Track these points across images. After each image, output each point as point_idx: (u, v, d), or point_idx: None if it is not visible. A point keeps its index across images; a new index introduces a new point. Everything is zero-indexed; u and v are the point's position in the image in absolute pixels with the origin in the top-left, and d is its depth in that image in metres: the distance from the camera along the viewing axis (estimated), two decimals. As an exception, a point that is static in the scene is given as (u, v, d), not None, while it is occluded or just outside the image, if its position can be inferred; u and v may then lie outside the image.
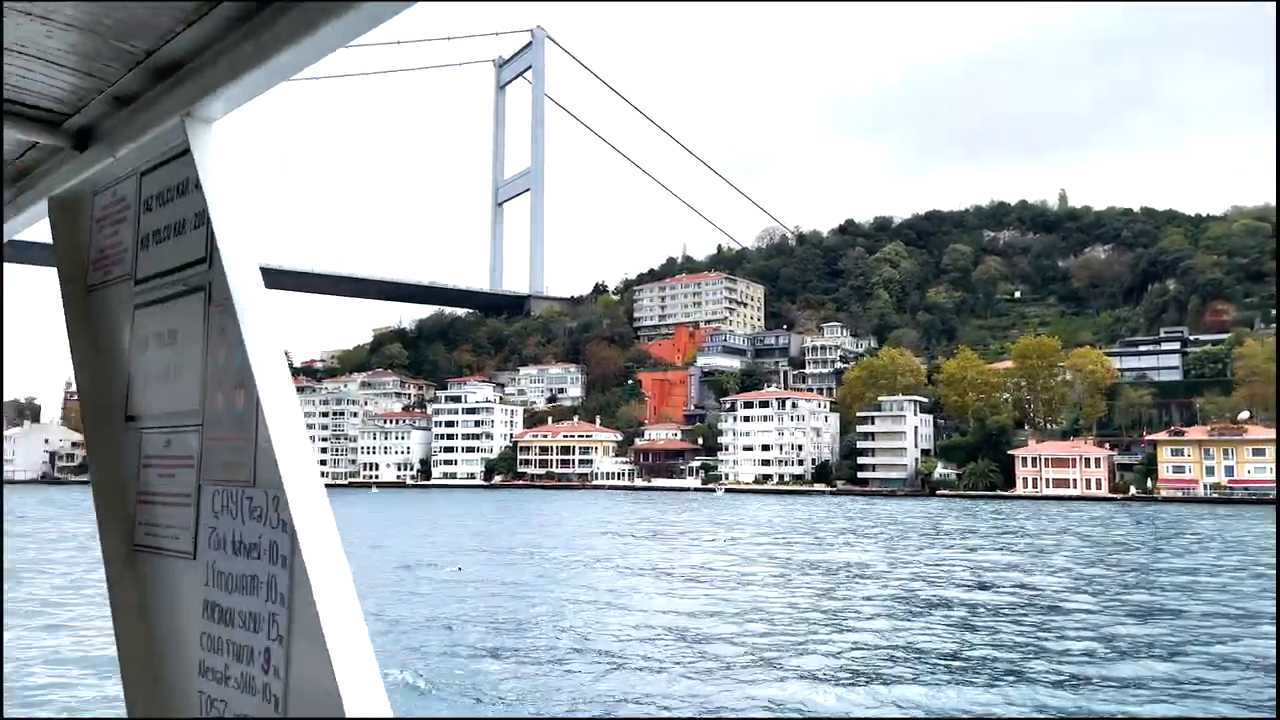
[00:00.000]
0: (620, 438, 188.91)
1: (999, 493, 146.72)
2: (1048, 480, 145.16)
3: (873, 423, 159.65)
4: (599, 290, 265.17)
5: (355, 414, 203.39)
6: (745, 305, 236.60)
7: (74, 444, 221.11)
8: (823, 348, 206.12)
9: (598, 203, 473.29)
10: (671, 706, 22.78)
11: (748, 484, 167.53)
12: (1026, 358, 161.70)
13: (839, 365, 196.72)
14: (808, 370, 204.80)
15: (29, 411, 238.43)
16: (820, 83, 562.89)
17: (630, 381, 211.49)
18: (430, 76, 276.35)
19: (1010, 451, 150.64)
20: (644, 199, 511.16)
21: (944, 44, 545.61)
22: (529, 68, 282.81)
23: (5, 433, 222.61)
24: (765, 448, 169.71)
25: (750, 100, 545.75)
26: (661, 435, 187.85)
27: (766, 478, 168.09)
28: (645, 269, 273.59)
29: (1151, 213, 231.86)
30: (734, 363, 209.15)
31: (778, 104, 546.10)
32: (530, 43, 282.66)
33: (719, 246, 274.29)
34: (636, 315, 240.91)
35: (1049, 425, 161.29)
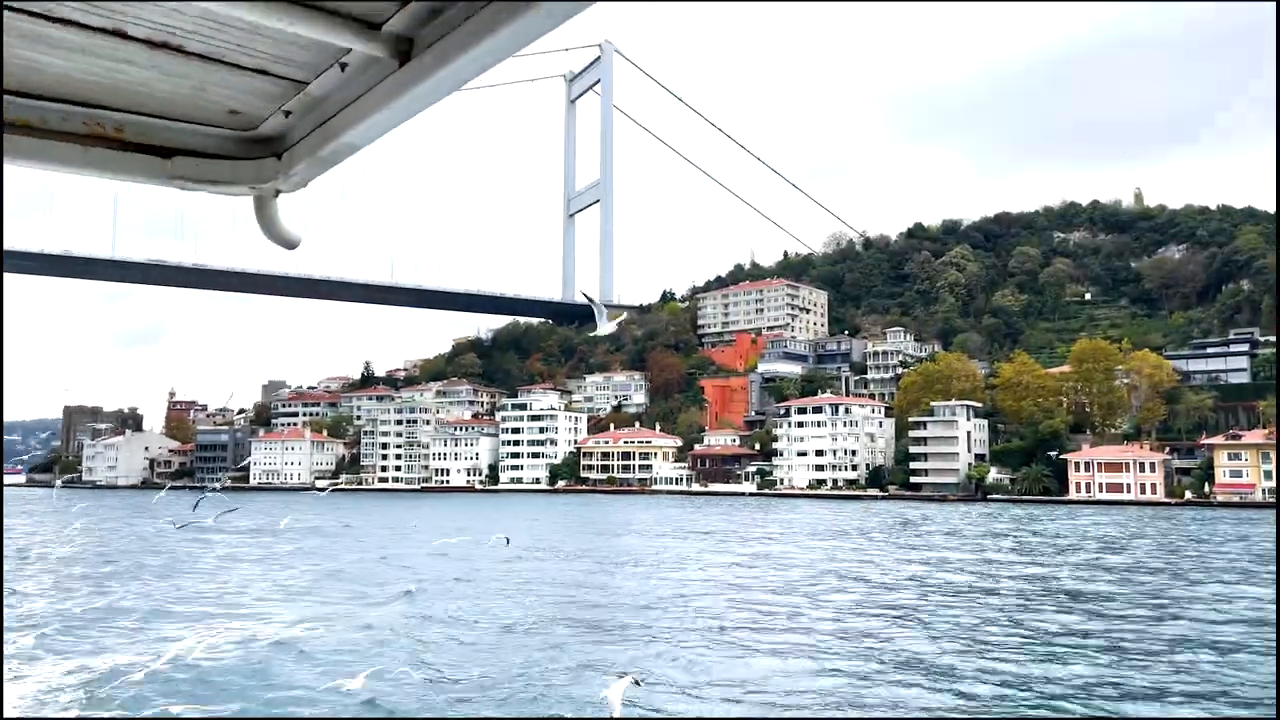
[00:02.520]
0: (679, 443, 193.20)
1: (1052, 498, 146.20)
2: (1101, 485, 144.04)
3: (925, 428, 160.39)
4: (666, 298, 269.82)
5: (428, 421, 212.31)
6: (808, 311, 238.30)
7: (171, 451, 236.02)
8: (884, 353, 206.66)
9: (667, 211, 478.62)
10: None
11: (802, 489, 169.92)
12: (1084, 361, 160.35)
13: (900, 371, 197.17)
14: (869, 376, 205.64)
15: (131, 421, 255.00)
16: (891, 86, 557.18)
17: (692, 388, 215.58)
18: (503, 94, 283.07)
19: (1063, 456, 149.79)
20: (713, 207, 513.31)
21: (1019, 46, 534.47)
22: (598, 81, 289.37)
23: (109, 441, 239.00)
24: (819, 453, 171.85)
25: (821, 106, 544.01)
26: (720, 441, 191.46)
27: (820, 483, 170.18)
28: (713, 276, 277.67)
29: (1229, 211, 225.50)
30: (795, 369, 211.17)
31: (849, 109, 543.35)
32: (599, 57, 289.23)
33: (785, 253, 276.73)
34: (700, 322, 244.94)
35: (1108, 429, 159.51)
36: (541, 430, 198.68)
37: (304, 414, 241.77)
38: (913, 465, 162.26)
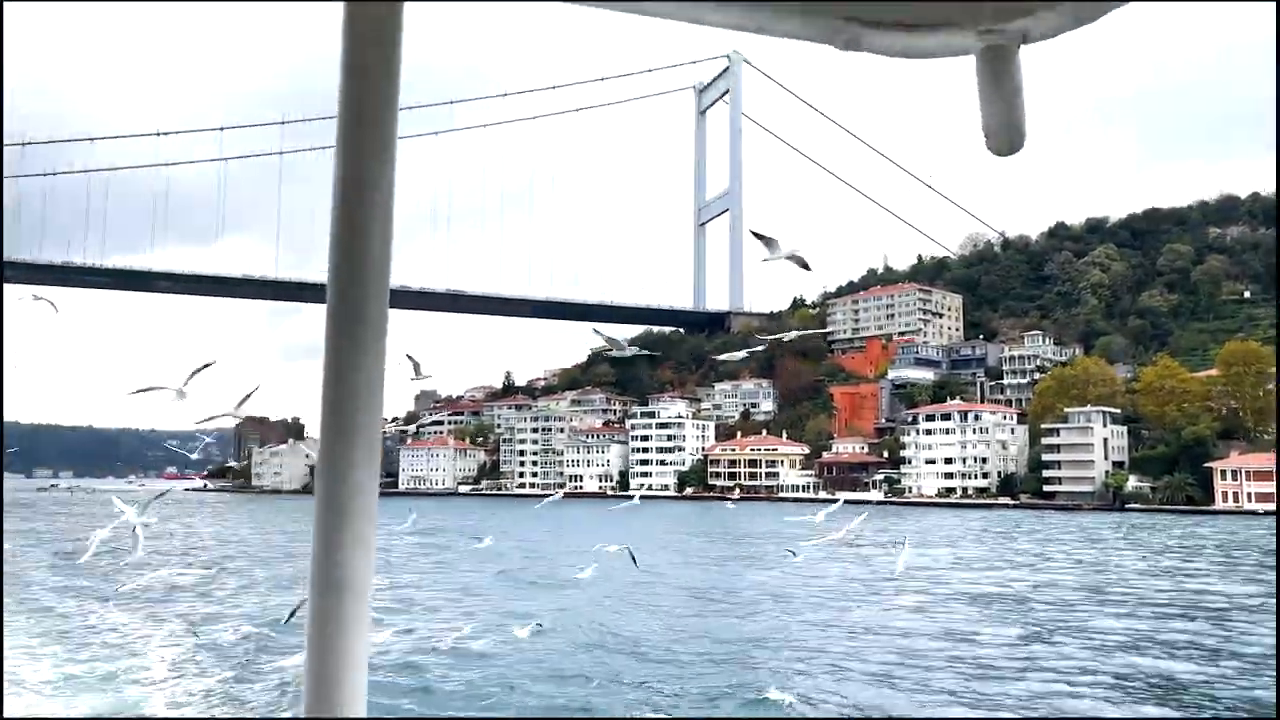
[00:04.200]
0: (806, 451, 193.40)
1: (1196, 508, 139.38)
2: (1250, 494, 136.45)
3: (1058, 435, 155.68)
4: (797, 304, 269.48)
5: (562, 429, 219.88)
6: (941, 316, 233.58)
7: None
8: (1021, 358, 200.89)
9: (799, 217, 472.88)
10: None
11: (930, 496, 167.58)
12: (1232, 364, 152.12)
13: (1037, 376, 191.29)
14: (1005, 381, 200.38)
15: (294, 430, 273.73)
16: (1035, 81, 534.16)
17: (821, 395, 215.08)
18: (635, 108, 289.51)
19: (1208, 464, 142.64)
20: (845, 211, 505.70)
21: (1180, 34, 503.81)
22: (727, 91, 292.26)
23: (275, 449, 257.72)
24: (948, 460, 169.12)
25: (961, 104, 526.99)
26: (848, 448, 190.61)
27: (949, 490, 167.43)
28: (845, 281, 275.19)
29: None
30: (927, 375, 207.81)
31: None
32: (727, 67, 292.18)
33: (919, 256, 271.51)
34: (830, 328, 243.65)
35: (1261, 436, 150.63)
36: (669, 438, 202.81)
37: (449, 423, 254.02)
38: (1046, 473, 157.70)
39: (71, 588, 46.69)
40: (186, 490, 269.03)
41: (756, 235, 22.74)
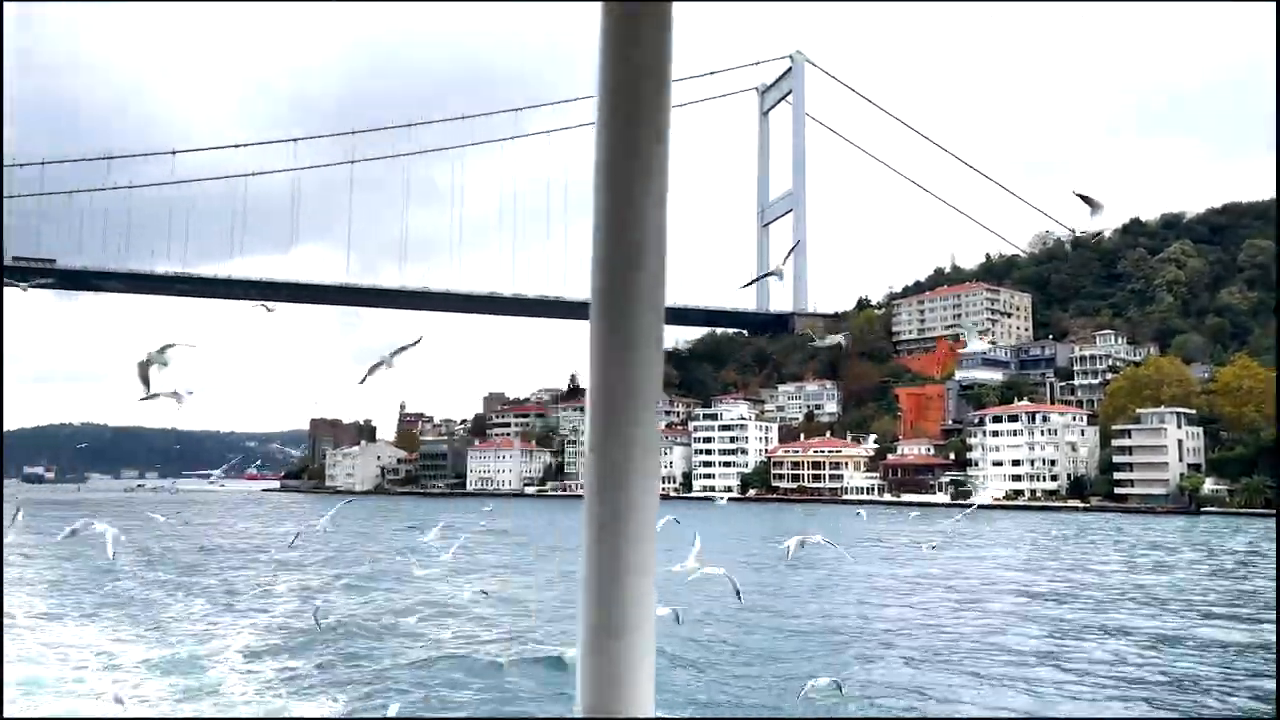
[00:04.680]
0: (871, 453, 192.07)
1: (1275, 511, 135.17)
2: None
3: (1129, 436, 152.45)
4: (862, 305, 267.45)
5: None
6: (1009, 315, 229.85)
7: (399, 460, 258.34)
8: (1092, 357, 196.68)
9: (864, 217, 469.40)
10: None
11: (997, 500, 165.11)
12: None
13: (1109, 376, 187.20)
14: (1076, 382, 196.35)
15: (366, 433, 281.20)
16: (1106, 79, 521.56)
17: (886, 397, 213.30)
18: (697, 111, 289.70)
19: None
20: (911, 210, 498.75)
21: (1260, 27, 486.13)
22: (789, 92, 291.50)
23: (347, 450, 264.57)
24: (1015, 463, 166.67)
25: (1031, 101, 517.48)
26: (914, 450, 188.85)
27: (1017, 493, 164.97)
28: (911, 281, 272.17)
29: None
30: (995, 375, 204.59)
31: (1062, 103, 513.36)
32: (790, 68, 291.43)
33: (987, 255, 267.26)
34: (895, 329, 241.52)
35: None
36: (732, 440, 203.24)
37: (515, 424, 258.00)
38: (1117, 475, 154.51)
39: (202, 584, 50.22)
40: (264, 490, 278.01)
41: (1082, 197, 20.56)
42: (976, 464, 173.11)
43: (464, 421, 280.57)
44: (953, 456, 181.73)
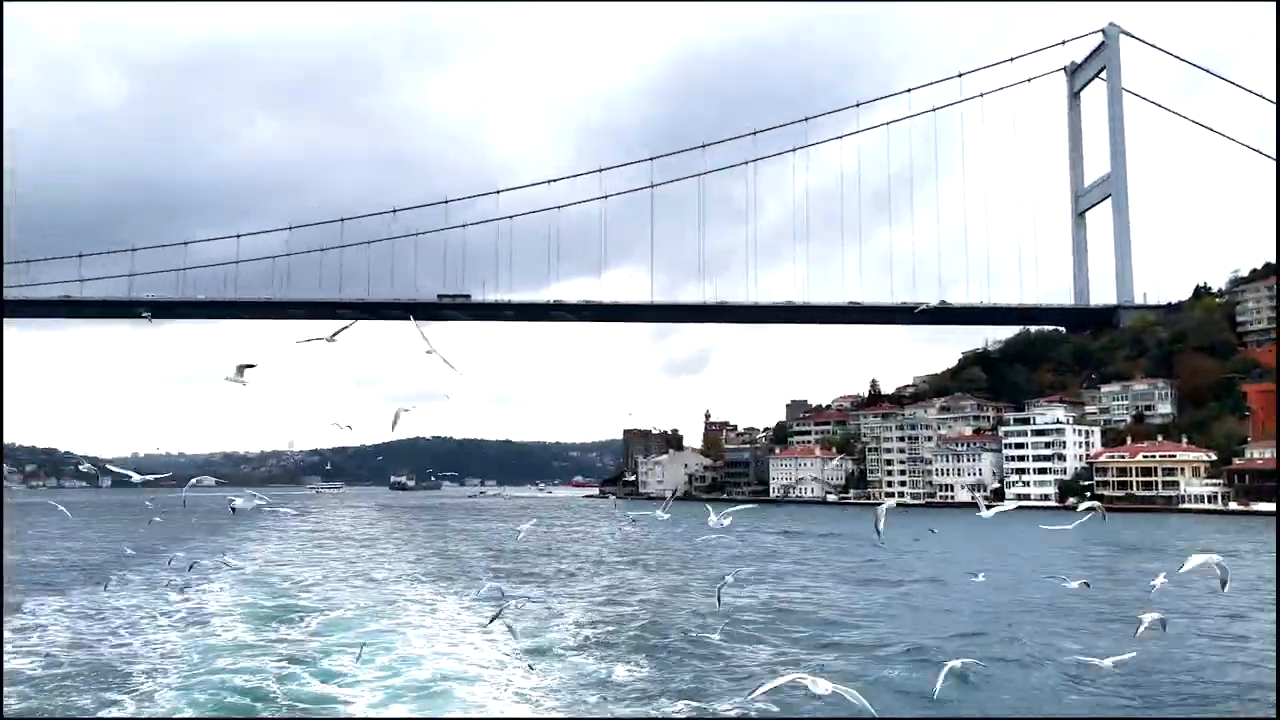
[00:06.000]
0: (1213, 457, 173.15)
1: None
2: None
3: None
4: (1200, 293, 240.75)
5: (929, 438, 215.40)
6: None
7: (704, 467, 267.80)
8: None
9: (1198, 195, 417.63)
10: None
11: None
12: None
13: None
14: None
15: (674, 441, 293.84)
16: None
17: (1231, 395, 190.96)
18: (999, 99, 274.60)
19: None
20: (1255, 182, 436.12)
21: None
22: (1103, 68, 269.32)
23: (657, 459, 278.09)
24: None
25: None
26: (1265, 454, 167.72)
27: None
28: (1260, 263, 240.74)
29: None
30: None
31: None
32: (1103, 42, 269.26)
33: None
34: (1241, 319, 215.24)
35: None
36: (1047, 445, 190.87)
37: (815, 432, 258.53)
38: None
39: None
40: (586, 497, 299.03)
41: None
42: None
43: (766, 429, 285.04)
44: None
